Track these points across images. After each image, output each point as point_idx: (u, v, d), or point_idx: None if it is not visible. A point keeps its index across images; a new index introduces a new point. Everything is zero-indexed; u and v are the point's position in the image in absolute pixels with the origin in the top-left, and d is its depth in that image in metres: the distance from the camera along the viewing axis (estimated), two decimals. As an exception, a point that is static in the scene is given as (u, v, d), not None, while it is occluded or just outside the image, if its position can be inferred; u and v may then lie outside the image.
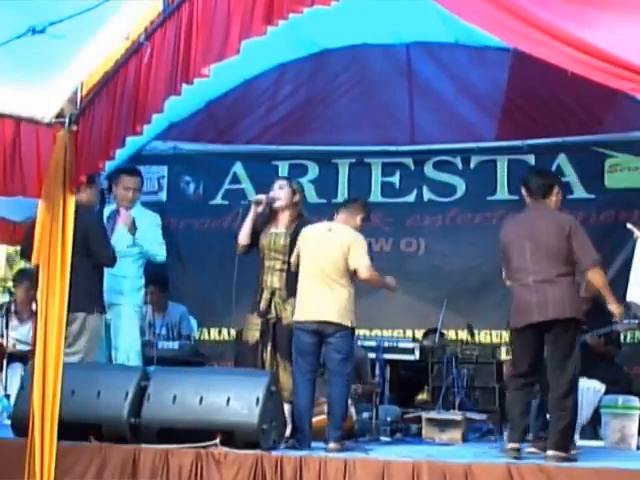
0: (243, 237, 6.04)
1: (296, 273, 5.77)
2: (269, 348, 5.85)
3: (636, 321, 6.49)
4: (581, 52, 3.92)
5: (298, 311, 5.59)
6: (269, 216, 6.06)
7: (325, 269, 5.52)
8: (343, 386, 5.47)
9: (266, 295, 5.91)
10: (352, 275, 5.55)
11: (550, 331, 5.21)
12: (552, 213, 5.43)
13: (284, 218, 6.01)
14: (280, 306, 5.87)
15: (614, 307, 5.37)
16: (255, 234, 6.02)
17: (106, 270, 6.13)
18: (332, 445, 5.26)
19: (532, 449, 5.34)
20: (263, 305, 5.89)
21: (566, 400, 5.16)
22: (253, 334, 5.89)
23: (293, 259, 5.75)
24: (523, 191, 5.55)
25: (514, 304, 5.35)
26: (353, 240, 5.56)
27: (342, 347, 5.47)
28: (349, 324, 5.50)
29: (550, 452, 5.02)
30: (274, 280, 5.92)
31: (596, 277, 5.30)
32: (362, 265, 5.51)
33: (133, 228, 6.40)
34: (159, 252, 6.64)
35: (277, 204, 5.99)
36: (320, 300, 5.50)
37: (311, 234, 5.70)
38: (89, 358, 5.86)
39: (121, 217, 6.44)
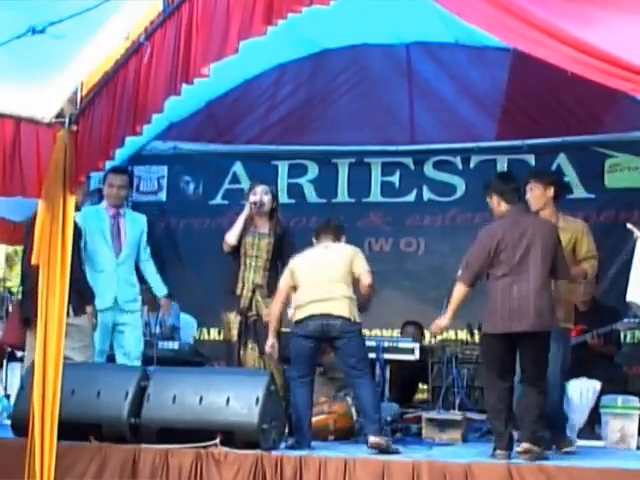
0: (234, 237, 6.09)
1: (277, 273, 5.86)
2: (249, 346, 5.90)
3: (636, 321, 6.49)
4: (580, 52, 3.92)
5: (298, 312, 5.49)
6: (249, 219, 6.15)
7: (327, 281, 5.48)
8: (367, 383, 5.39)
9: (247, 293, 5.97)
10: (354, 284, 5.52)
11: (525, 339, 5.12)
12: (543, 221, 5.39)
13: (263, 221, 6.14)
14: (261, 304, 5.92)
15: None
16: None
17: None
18: (372, 440, 5.10)
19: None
20: (244, 303, 5.93)
21: (540, 399, 5.15)
22: (233, 333, 5.93)
23: (283, 282, 5.62)
24: (495, 200, 5.42)
25: (491, 308, 5.21)
26: (354, 251, 5.61)
27: (353, 349, 5.39)
28: (355, 319, 5.42)
29: (525, 445, 4.97)
30: (256, 277, 5.99)
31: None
32: (365, 271, 5.53)
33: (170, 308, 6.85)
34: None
35: (264, 208, 6.12)
36: (324, 299, 5.44)
37: (307, 256, 5.65)
38: (85, 358, 5.83)
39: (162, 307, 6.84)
